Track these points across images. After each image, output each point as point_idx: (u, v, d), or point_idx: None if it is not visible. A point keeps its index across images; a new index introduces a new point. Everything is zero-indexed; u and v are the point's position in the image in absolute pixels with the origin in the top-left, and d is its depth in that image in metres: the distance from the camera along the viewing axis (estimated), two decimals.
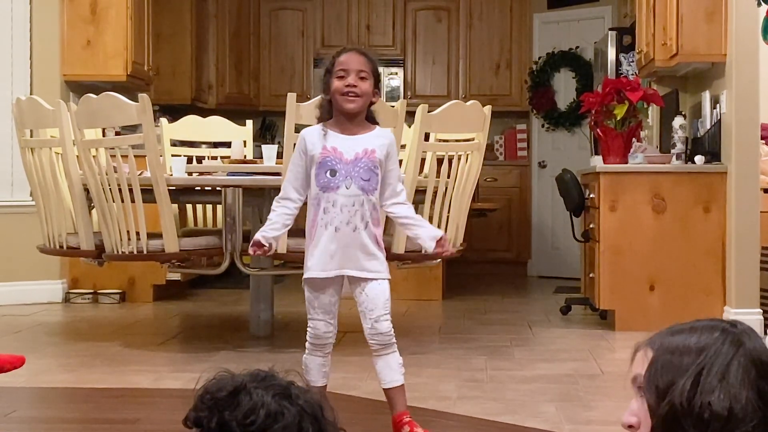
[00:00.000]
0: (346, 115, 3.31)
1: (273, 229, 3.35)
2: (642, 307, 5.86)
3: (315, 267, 3.33)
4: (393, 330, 3.37)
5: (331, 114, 3.34)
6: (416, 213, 3.49)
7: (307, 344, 3.39)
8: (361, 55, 3.34)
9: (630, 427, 1.60)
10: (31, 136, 5.28)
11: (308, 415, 1.53)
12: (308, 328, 3.37)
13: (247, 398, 1.52)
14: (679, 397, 1.47)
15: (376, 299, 3.33)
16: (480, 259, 9.27)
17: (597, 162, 6.24)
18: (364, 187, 3.29)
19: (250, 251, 3.38)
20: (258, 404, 1.51)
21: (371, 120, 3.39)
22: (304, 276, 3.37)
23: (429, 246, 3.35)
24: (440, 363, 4.84)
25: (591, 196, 6.24)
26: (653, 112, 7.05)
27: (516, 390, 4.23)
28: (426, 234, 3.35)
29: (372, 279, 3.33)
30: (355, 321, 3.42)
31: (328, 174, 3.28)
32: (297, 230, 3.81)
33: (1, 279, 6.74)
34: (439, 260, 5.72)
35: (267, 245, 3.33)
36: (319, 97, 3.44)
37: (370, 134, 3.34)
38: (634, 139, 6.11)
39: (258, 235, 3.34)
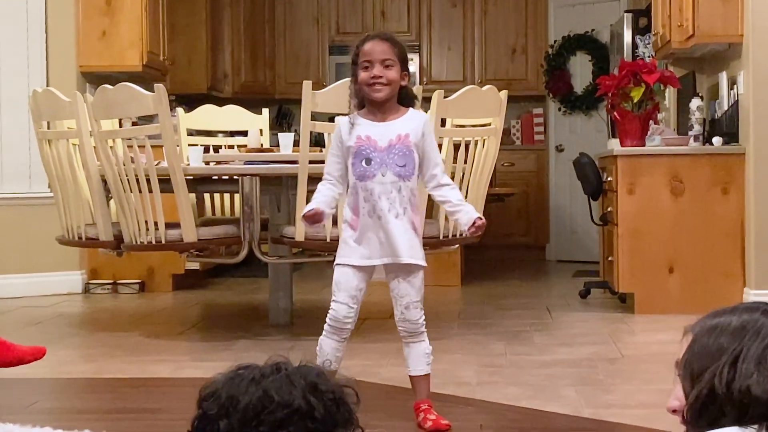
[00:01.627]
0: (376, 103, 3.30)
1: (326, 203, 3.31)
2: (661, 290, 5.85)
3: (352, 254, 3.32)
4: (423, 319, 3.36)
5: (363, 104, 3.33)
6: (456, 186, 3.45)
7: (325, 326, 3.38)
8: (385, 41, 3.31)
9: (674, 411, 1.58)
10: (48, 128, 5.29)
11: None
12: (330, 310, 3.36)
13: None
14: (718, 382, 1.46)
15: (409, 286, 3.33)
16: (498, 244, 9.25)
17: (614, 145, 6.22)
18: (401, 174, 3.28)
19: (303, 223, 3.38)
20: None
21: (406, 102, 3.37)
22: (340, 261, 3.34)
23: (466, 230, 3.35)
24: (459, 348, 4.84)
25: (609, 179, 6.22)
26: (670, 94, 7.02)
27: (536, 374, 4.22)
28: (463, 220, 3.33)
29: (407, 266, 3.31)
30: (376, 308, 3.43)
31: (363, 163, 3.28)
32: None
33: (21, 270, 6.76)
34: (457, 246, 5.71)
35: (317, 212, 3.28)
36: (347, 85, 3.40)
37: (403, 118, 3.32)
38: (651, 122, 6.08)
39: (306, 208, 3.32)
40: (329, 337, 3.37)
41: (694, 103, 6.04)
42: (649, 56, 7.27)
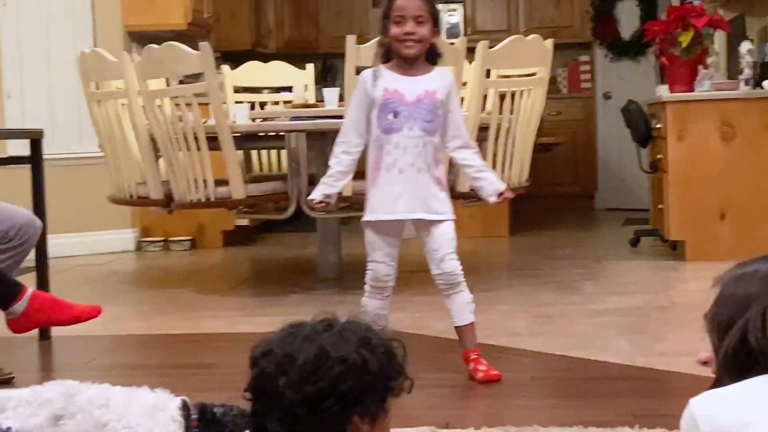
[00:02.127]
0: (405, 59, 3.28)
1: (332, 185, 3.35)
2: (713, 237, 5.80)
3: (378, 209, 3.33)
4: (461, 269, 3.36)
5: (390, 56, 3.32)
6: (479, 151, 3.46)
7: (366, 286, 3.39)
8: None
9: (704, 363, 1.58)
10: (97, 89, 5.33)
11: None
12: (367, 270, 3.38)
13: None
14: (751, 331, 1.44)
15: (441, 239, 3.32)
16: (546, 194, 9.21)
17: (663, 91, 6.15)
18: (427, 129, 3.28)
19: (311, 205, 3.41)
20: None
21: (432, 56, 3.35)
22: (366, 218, 3.36)
23: (490, 200, 3.36)
24: (509, 299, 4.85)
25: (658, 126, 6.16)
26: (719, 38, 6.92)
27: (586, 324, 4.22)
28: (487, 190, 3.34)
29: (436, 220, 3.32)
30: (423, 261, 3.43)
31: (390, 116, 3.27)
32: (362, 172, 3.82)
33: (74, 230, 6.85)
34: (512, 196, 5.70)
35: (325, 202, 3.34)
36: (378, 38, 3.41)
37: (430, 75, 3.32)
38: (700, 67, 6.00)
39: (315, 194, 3.35)
40: (372, 297, 3.39)
41: (744, 46, 5.95)
42: (697, 0, 7.17)
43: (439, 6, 9.68)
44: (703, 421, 1.40)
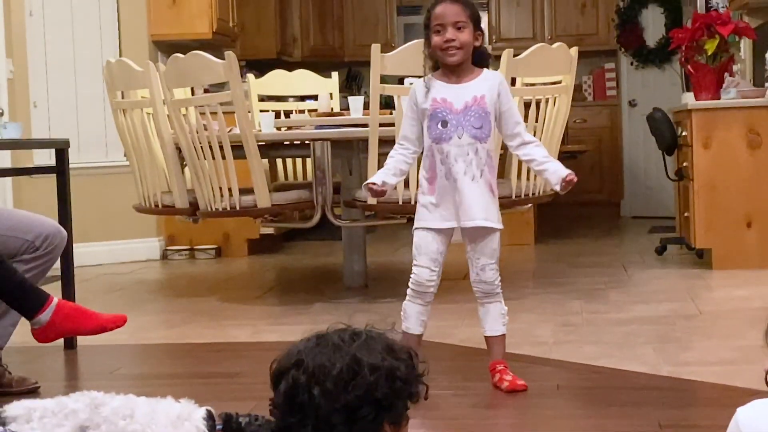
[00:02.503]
0: (450, 66, 3.28)
1: (389, 174, 3.34)
2: (739, 245, 5.76)
3: (430, 218, 3.31)
4: (499, 280, 3.35)
5: (437, 66, 3.32)
6: (540, 143, 3.42)
7: (408, 290, 3.38)
8: (456, 3, 3.26)
9: None
10: (123, 98, 5.36)
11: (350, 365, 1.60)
12: (412, 275, 3.36)
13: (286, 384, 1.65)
14: None
15: (485, 248, 3.32)
16: (572, 202, 9.13)
17: (689, 99, 6.12)
18: (477, 135, 3.26)
19: (365, 192, 3.40)
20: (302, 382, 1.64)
21: (480, 62, 3.34)
22: (419, 225, 3.34)
23: (556, 189, 3.33)
24: (535, 308, 4.83)
25: (683, 133, 6.13)
26: (745, 46, 6.88)
27: (613, 333, 4.20)
28: (552, 179, 3.31)
29: (483, 228, 3.30)
30: (451, 268, 3.43)
31: (439, 125, 3.26)
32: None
33: (100, 238, 6.88)
34: (530, 205, 5.69)
35: (381, 188, 3.31)
36: (423, 49, 3.36)
37: (478, 79, 3.30)
38: (726, 74, 5.97)
39: (376, 178, 3.33)
40: (413, 301, 3.37)
41: None
42: (723, 7, 7.13)
43: None
44: (747, 431, 1.38)
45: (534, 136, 4.95)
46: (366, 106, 5.26)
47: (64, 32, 6.79)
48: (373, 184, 3.32)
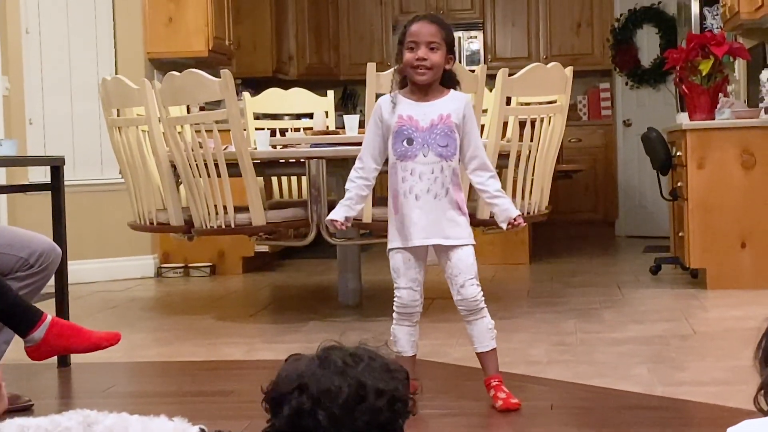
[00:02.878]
0: (418, 85, 3.28)
1: (349, 206, 3.36)
2: (734, 265, 5.77)
3: (398, 237, 3.32)
4: (482, 294, 3.34)
5: (405, 83, 3.32)
6: (496, 175, 3.42)
7: (394, 314, 3.38)
8: (432, 23, 3.27)
9: None
10: (118, 115, 5.36)
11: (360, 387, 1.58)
12: (395, 298, 3.37)
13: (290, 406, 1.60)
14: None
15: (459, 264, 3.30)
16: (566, 221, 9.20)
17: (683, 119, 6.14)
18: (442, 153, 3.26)
19: (331, 226, 3.41)
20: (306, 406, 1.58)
21: (449, 83, 3.34)
22: (390, 246, 3.36)
23: (503, 227, 3.35)
24: (529, 327, 4.83)
25: (678, 153, 6.15)
26: (739, 66, 6.91)
27: (607, 352, 4.20)
28: (500, 216, 3.33)
29: (456, 246, 3.30)
30: (442, 287, 3.43)
31: (405, 143, 3.26)
32: (382, 199, 3.82)
33: (94, 256, 6.88)
34: (524, 224, 5.69)
35: (345, 224, 3.35)
36: (394, 67, 3.41)
37: (445, 98, 3.30)
38: (720, 95, 6.00)
39: (333, 215, 3.36)
40: (400, 324, 3.37)
41: (765, 74, 5.93)
42: (717, 28, 7.16)
43: (460, 33, 9.73)
44: None
45: (529, 155, 5.01)
46: (361, 124, 5.27)
47: (61, 50, 6.80)
48: (335, 221, 3.33)
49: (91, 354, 3.49)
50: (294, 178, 6.06)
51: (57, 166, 4.22)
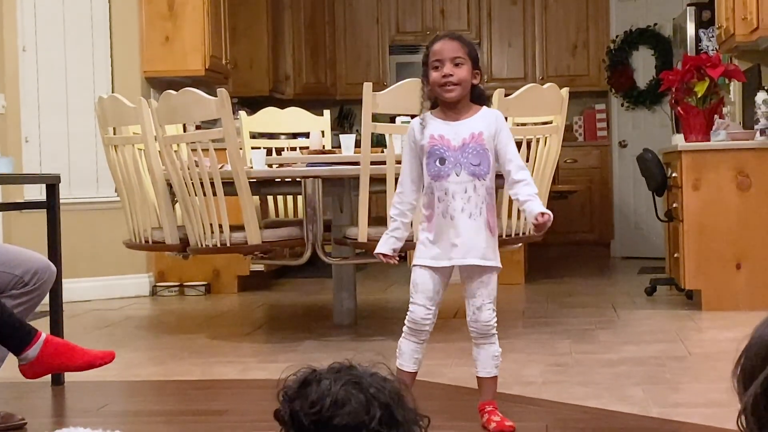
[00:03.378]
0: (448, 103, 3.27)
1: (396, 238, 3.34)
2: (729, 286, 5.77)
3: (427, 254, 3.29)
4: (495, 321, 3.31)
5: (436, 104, 3.32)
6: (529, 181, 3.36)
7: (404, 327, 3.35)
8: (454, 40, 3.28)
9: None
10: (114, 134, 5.37)
11: (378, 402, 1.54)
12: (408, 312, 3.33)
13: (315, 388, 1.53)
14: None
15: (482, 287, 3.29)
16: (562, 242, 9.20)
17: (679, 140, 6.15)
18: (475, 172, 3.24)
19: (381, 260, 3.39)
20: (324, 393, 1.52)
21: (479, 100, 3.34)
22: (416, 262, 3.32)
23: (532, 225, 3.29)
24: (524, 347, 4.82)
25: (673, 175, 6.16)
26: (735, 88, 6.93)
27: (602, 373, 4.19)
28: (529, 217, 3.26)
29: (480, 267, 3.28)
30: (441, 308, 3.41)
31: (437, 162, 3.25)
32: (378, 218, 3.82)
33: (89, 274, 6.87)
34: (520, 244, 5.69)
35: (391, 258, 3.33)
36: (421, 86, 3.36)
37: (476, 116, 3.28)
38: (716, 116, 6.01)
39: (382, 248, 3.34)
40: (408, 339, 3.35)
41: (760, 96, 5.95)
42: (712, 50, 7.19)
43: None
44: None
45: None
46: (357, 144, 5.27)
47: (57, 68, 6.81)
48: (385, 255, 3.32)
49: (85, 372, 3.48)
50: (290, 198, 6.06)
51: (52, 184, 4.22)
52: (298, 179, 5.13)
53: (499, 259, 3.34)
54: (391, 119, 5.61)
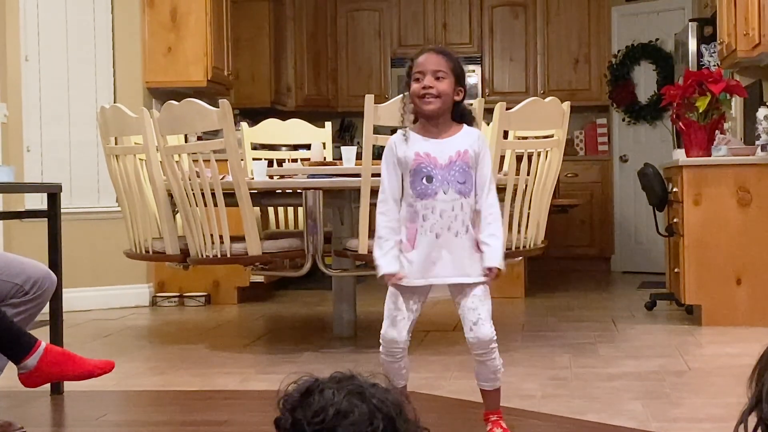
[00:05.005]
0: (427, 117, 3.23)
1: (394, 254, 3.25)
2: (729, 302, 5.77)
3: (412, 274, 3.25)
4: (494, 334, 3.26)
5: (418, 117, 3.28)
6: (494, 215, 3.33)
7: (381, 347, 3.34)
8: (438, 54, 3.25)
9: None
10: (116, 144, 5.37)
11: (381, 413, 1.53)
12: (382, 329, 3.31)
13: (318, 397, 1.53)
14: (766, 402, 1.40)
15: (476, 303, 3.25)
16: (562, 255, 9.20)
17: (680, 155, 6.15)
18: (462, 191, 3.21)
19: (386, 282, 3.31)
20: (327, 403, 1.52)
21: (461, 119, 3.30)
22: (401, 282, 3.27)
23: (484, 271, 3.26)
24: (524, 361, 4.82)
25: (674, 190, 6.16)
26: (736, 104, 6.94)
27: (601, 387, 4.19)
28: (486, 259, 3.24)
29: (471, 284, 3.25)
30: (440, 320, 3.42)
31: (424, 180, 3.20)
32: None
33: (89, 284, 6.87)
34: (520, 258, 5.69)
35: (401, 277, 3.25)
36: (401, 98, 3.35)
37: (460, 134, 3.25)
38: (717, 132, 6.02)
39: (388, 269, 3.23)
40: (385, 357, 3.34)
41: (761, 112, 5.96)
42: (714, 65, 7.20)
43: None
44: None
45: (525, 189, 5.02)
46: (359, 156, 5.28)
47: (60, 77, 6.83)
48: (392, 275, 3.25)
49: (85, 382, 3.47)
50: (290, 209, 6.07)
51: (54, 194, 4.23)
52: (299, 191, 5.14)
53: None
54: (392, 131, 5.61)
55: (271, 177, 5.24)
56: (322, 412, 1.51)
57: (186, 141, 5.57)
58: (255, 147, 6.24)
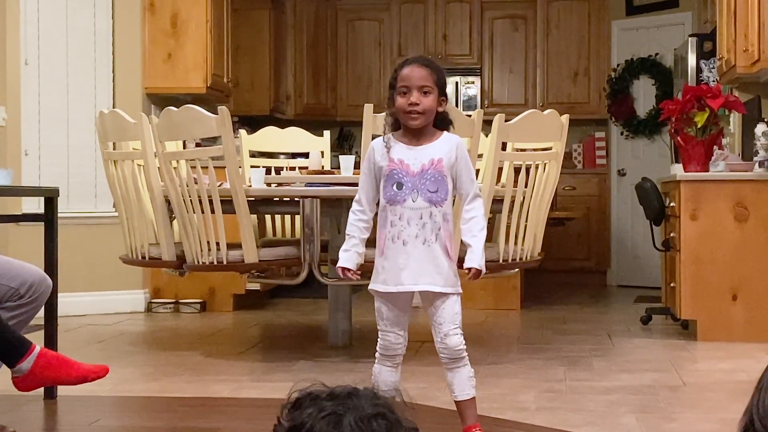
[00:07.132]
0: (411, 129, 3.26)
1: (357, 253, 3.32)
2: (725, 317, 5.77)
3: (383, 281, 3.28)
4: (464, 344, 3.29)
5: (398, 125, 3.30)
6: (492, 224, 3.38)
7: (377, 354, 3.36)
8: (424, 67, 3.24)
9: None
10: (114, 149, 5.37)
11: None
12: (378, 339, 3.35)
13: (299, 413, 1.52)
14: (755, 412, 1.39)
15: (444, 313, 3.25)
16: (559, 268, 9.20)
17: (677, 170, 6.16)
18: (432, 199, 3.21)
19: (339, 274, 3.37)
20: (303, 421, 1.51)
21: (441, 125, 3.31)
22: (372, 287, 3.32)
23: (465, 270, 3.29)
24: (519, 373, 4.81)
25: (671, 204, 6.17)
26: (735, 119, 6.95)
27: (596, 401, 4.19)
28: (466, 260, 3.27)
29: (441, 293, 3.26)
30: (431, 331, 3.41)
31: (394, 187, 3.22)
32: (375, 240, 3.81)
33: (85, 289, 6.86)
34: (516, 270, 5.69)
35: (355, 273, 3.31)
36: (386, 107, 3.38)
37: (437, 142, 3.26)
38: (715, 147, 6.02)
39: (345, 263, 3.31)
40: (382, 364, 3.35)
41: (760, 128, 5.97)
42: (713, 81, 7.21)
43: (457, 78, 9.75)
44: None
45: (523, 201, 5.02)
46: (357, 165, 5.27)
47: (59, 82, 6.83)
48: (347, 270, 3.30)
49: (78, 386, 3.47)
50: (288, 217, 6.07)
51: (51, 198, 4.22)
52: (296, 199, 5.13)
53: (458, 283, 3.30)
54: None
55: (268, 185, 5.24)
56: (295, 429, 1.50)
57: (184, 147, 5.57)
58: (253, 154, 6.24)
